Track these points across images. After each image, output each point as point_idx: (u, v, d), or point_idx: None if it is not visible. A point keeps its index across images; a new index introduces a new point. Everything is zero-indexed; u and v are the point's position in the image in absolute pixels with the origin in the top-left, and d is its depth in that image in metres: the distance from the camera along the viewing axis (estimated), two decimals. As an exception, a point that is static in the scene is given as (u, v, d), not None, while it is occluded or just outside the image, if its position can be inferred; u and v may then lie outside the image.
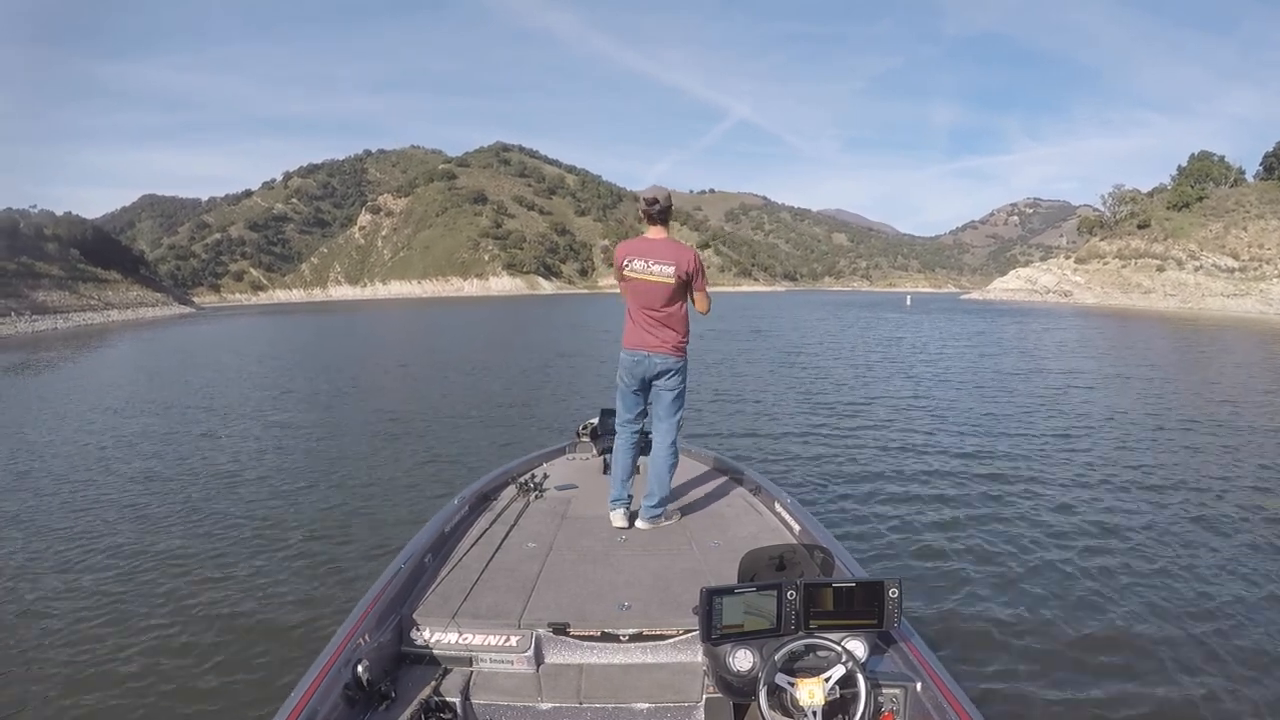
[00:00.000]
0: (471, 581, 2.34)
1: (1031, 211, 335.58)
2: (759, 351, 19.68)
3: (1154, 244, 60.08)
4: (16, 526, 5.48)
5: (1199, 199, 62.39)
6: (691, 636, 2.04)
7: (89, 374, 18.48)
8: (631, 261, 2.94)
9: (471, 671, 2.01)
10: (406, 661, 2.05)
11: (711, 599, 1.76)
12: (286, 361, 19.71)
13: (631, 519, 2.99)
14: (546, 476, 3.50)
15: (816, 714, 1.62)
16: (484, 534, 2.79)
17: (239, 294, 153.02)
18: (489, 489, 3.36)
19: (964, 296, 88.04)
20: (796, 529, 2.78)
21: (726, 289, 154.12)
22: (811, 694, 1.63)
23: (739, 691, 1.77)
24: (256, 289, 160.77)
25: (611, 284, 3.19)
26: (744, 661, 1.75)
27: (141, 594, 4.16)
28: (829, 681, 1.66)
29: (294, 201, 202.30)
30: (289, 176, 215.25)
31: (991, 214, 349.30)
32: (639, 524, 2.97)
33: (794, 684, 1.66)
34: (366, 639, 1.91)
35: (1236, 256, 53.00)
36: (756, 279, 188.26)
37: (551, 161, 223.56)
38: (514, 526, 2.89)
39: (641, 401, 3.14)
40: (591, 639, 2.08)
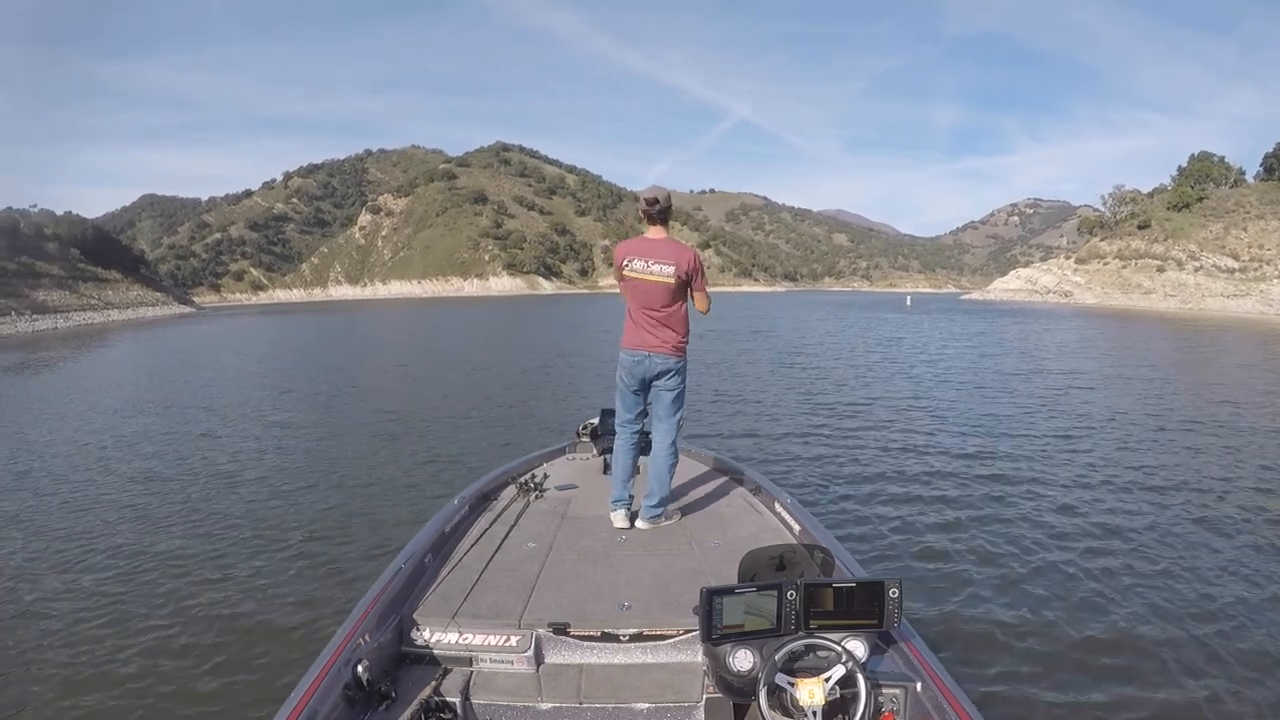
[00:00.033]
0: (472, 581, 2.34)
1: (1032, 212, 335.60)
2: (759, 352, 19.68)
3: (1154, 244, 60.10)
4: (16, 526, 5.48)
5: (1199, 199, 62.40)
6: (692, 636, 2.04)
7: (89, 374, 18.47)
8: (631, 261, 2.94)
9: (471, 671, 2.01)
10: (406, 661, 2.05)
11: (712, 599, 1.76)
12: (286, 361, 19.71)
13: (633, 519, 2.99)
14: (547, 476, 3.50)
15: (817, 714, 1.62)
16: (484, 534, 2.79)
17: (239, 294, 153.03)
18: (489, 489, 3.36)
19: (964, 297, 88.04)
20: (796, 529, 2.77)
21: (726, 289, 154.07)
22: (812, 694, 1.63)
23: (739, 691, 1.77)
24: (257, 289, 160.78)
25: (611, 284, 3.18)
26: (744, 661, 1.75)
27: (141, 594, 4.16)
28: (829, 681, 1.66)
29: (294, 201, 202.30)
30: (289, 176, 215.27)
31: (992, 214, 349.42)
32: (639, 524, 2.97)
33: (794, 684, 1.66)
34: (367, 639, 1.91)
35: (1236, 257, 53.01)
36: (757, 279, 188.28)
37: (552, 161, 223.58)
38: (514, 526, 2.89)
39: (641, 401, 3.14)
40: (592, 639, 2.08)
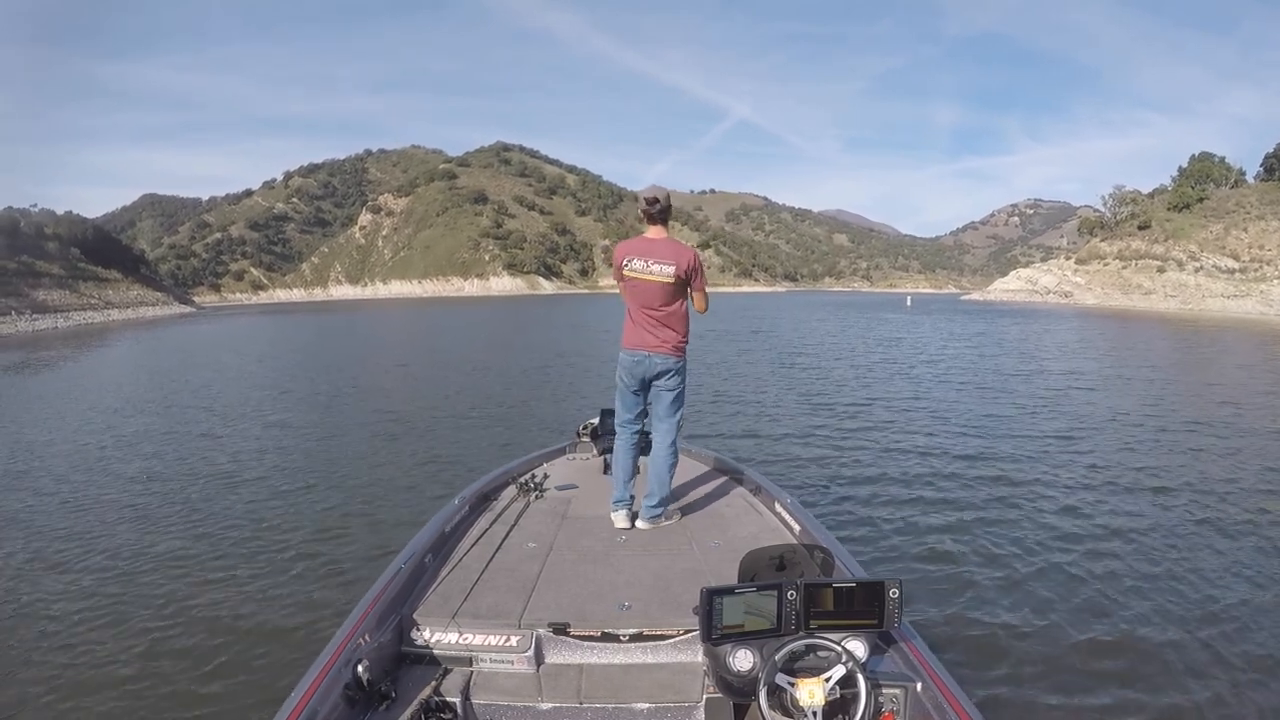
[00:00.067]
0: (472, 581, 2.34)
1: (1032, 212, 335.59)
2: (759, 352, 19.67)
3: (1154, 245, 60.09)
4: (16, 526, 5.48)
5: (1199, 200, 62.38)
6: (692, 636, 2.04)
7: (89, 373, 18.47)
8: (631, 261, 2.94)
9: (472, 671, 2.01)
10: (407, 661, 2.05)
11: (712, 599, 1.76)
12: (287, 361, 19.70)
13: (634, 519, 2.99)
14: (547, 476, 3.50)
15: (817, 714, 1.62)
16: (484, 534, 2.79)
17: (239, 293, 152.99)
18: (489, 489, 3.36)
19: (964, 297, 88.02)
20: (797, 529, 2.77)
21: (727, 289, 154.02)
22: (812, 694, 1.63)
23: (739, 691, 1.77)
24: (257, 288, 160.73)
25: (611, 284, 3.18)
26: (744, 661, 1.75)
27: (141, 595, 4.16)
28: (829, 681, 1.66)
29: (294, 201, 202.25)
30: (289, 176, 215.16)
31: (992, 215, 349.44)
32: (639, 524, 2.97)
33: (794, 684, 1.66)
34: (367, 639, 1.91)
35: (1237, 257, 53.00)
36: (757, 279, 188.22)
37: (552, 161, 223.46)
38: (514, 526, 2.89)
39: (641, 401, 3.14)
40: (592, 639, 2.08)
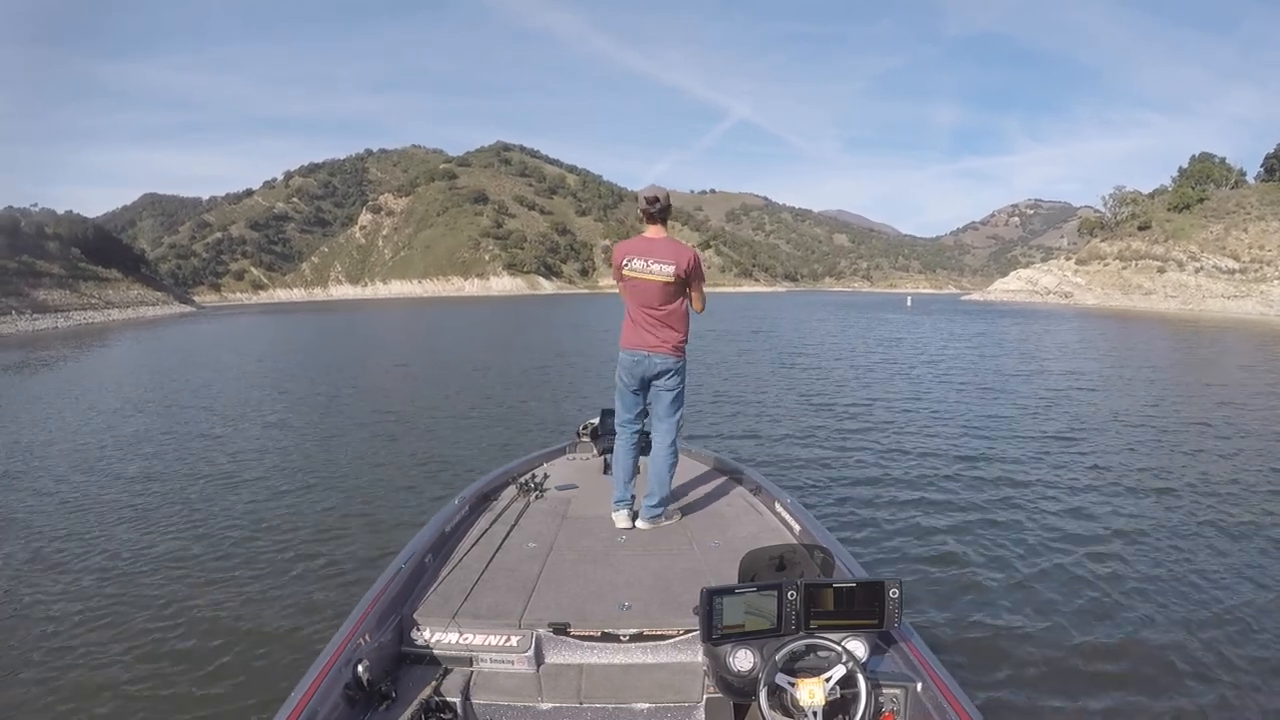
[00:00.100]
0: (472, 581, 2.34)
1: (1032, 212, 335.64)
2: (759, 352, 19.67)
3: (1155, 245, 60.06)
4: (16, 526, 5.48)
5: (1200, 200, 62.35)
6: (692, 636, 2.04)
7: (89, 373, 18.47)
8: (631, 261, 2.94)
9: (472, 671, 2.01)
10: (407, 661, 2.05)
11: (712, 599, 1.76)
12: (287, 361, 19.70)
13: (634, 519, 2.99)
14: (547, 476, 3.50)
15: (817, 714, 1.62)
16: (484, 534, 2.79)
17: (240, 293, 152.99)
18: (489, 489, 3.36)
19: (965, 298, 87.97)
20: (797, 529, 2.78)
21: (727, 289, 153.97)
22: (812, 694, 1.64)
23: (739, 691, 1.77)
24: (257, 288, 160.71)
25: (612, 284, 3.18)
26: (744, 661, 1.75)
27: (141, 596, 4.16)
28: (829, 681, 1.67)
29: (295, 201, 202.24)
30: (290, 176, 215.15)
31: (992, 215, 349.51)
32: (639, 524, 2.97)
33: (794, 684, 1.66)
34: (367, 639, 1.91)
35: (1237, 258, 52.98)
36: (757, 279, 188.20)
37: (552, 161, 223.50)
38: (514, 526, 2.89)
39: (641, 401, 3.14)
40: (592, 639, 2.08)
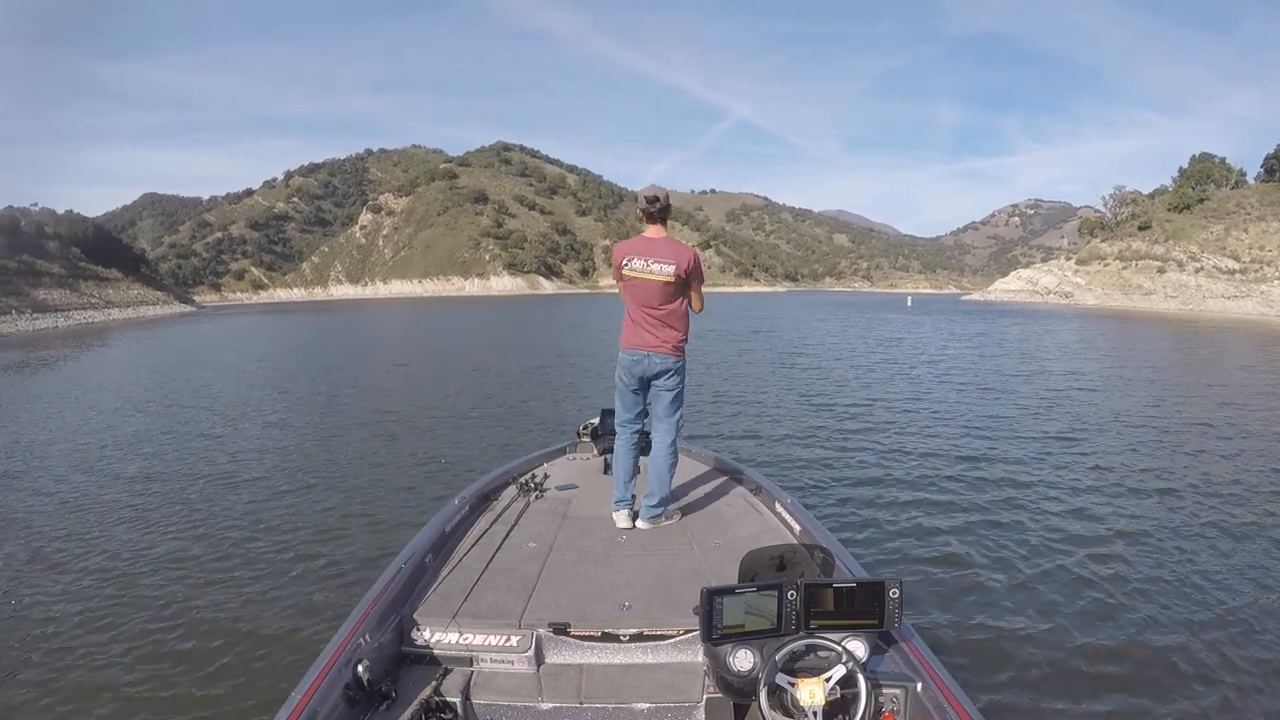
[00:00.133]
0: (472, 581, 2.34)
1: (1033, 213, 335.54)
2: (759, 352, 19.66)
3: (1155, 245, 60.06)
4: (16, 526, 5.48)
5: (1200, 201, 62.34)
6: (692, 636, 2.04)
7: (89, 373, 18.47)
8: (631, 260, 2.94)
9: (472, 671, 2.01)
10: (407, 661, 2.05)
11: (712, 599, 1.76)
12: (287, 361, 19.70)
13: (634, 519, 3.00)
14: (547, 476, 3.50)
15: (817, 714, 1.62)
16: (484, 534, 2.79)
17: (240, 293, 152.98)
18: (489, 489, 3.36)
19: (965, 298, 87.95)
20: (797, 529, 2.78)
21: (727, 289, 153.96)
22: (812, 694, 1.64)
23: (739, 691, 1.77)
24: (257, 288, 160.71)
25: (612, 284, 3.18)
26: (744, 661, 1.75)
27: (141, 597, 4.16)
28: (829, 681, 1.67)
29: (295, 200, 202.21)
30: (290, 175, 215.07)
31: (993, 215, 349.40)
32: (639, 524, 2.98)
33: (794, 684, 1.66)
34: (367, 639, 1.92)
35: (1237, 258, 52.98)
36: (757, 279, 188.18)
37: (552, 161, 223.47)
38: (514, 526, 2.89)
39: (641, 401, 3.14)
40: (592, 639, 2.08)
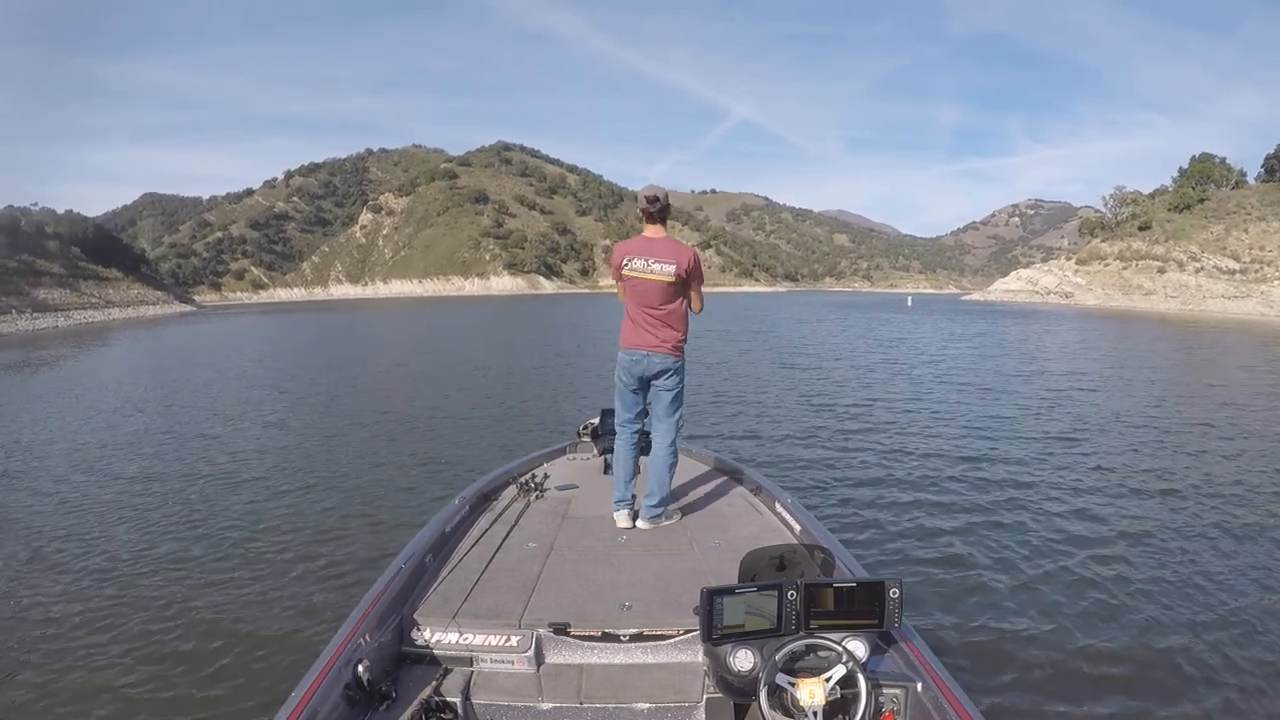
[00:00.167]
0: (472, 581, 2.34)
1: (1033, 213, 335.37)
2: (759, 352, 19.66)
3: (1155, 245, 60.05)
4: (16, 526, 5.48)
5: (1200, 201, 62.34)
6: (692, 636, 2.04)
7: (89, 372, 18.47)
8: (631, 260, 2.94)
9: (472, 671, 2.02)
10: (407, 661, 2.05)
11: (712, 599, 1.76)
12: (287, 361, 19.70)
13: (635, 519, 3.00)
14: (547, 476, 3.50)
15: (817, 714, 1.62)
16: (484, 534, 2.79)
17: (240, 292, 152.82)
18: (490, 489, 3.36)
19: (965, 298, 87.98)
20: (797, 529, 2.78)
21: (727, 289, 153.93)
22: (812, 694, 1.64)
23: (740, 691, 1.77)
24: (257, 287, 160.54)
25: (612, 284, 3.18)
26: (745, 661, 1.75)
27: (140, 597, 4.16)
28: (830, 681, 1.67)
29: (295, 200, 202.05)
30: (290, 175, 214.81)
31: (993, 215, 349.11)
32: (639, 524, 2.98)
33: (795, 684, 1.66)
34: (367, 639, 1.92)
35: (1238, 258, 52.98)
36: (758, 279, 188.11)
37: (553, 161, 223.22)
38: (514, 526, 2.89)
39: (641, 401, 3.15)
40: (592, 639, 2.08)
